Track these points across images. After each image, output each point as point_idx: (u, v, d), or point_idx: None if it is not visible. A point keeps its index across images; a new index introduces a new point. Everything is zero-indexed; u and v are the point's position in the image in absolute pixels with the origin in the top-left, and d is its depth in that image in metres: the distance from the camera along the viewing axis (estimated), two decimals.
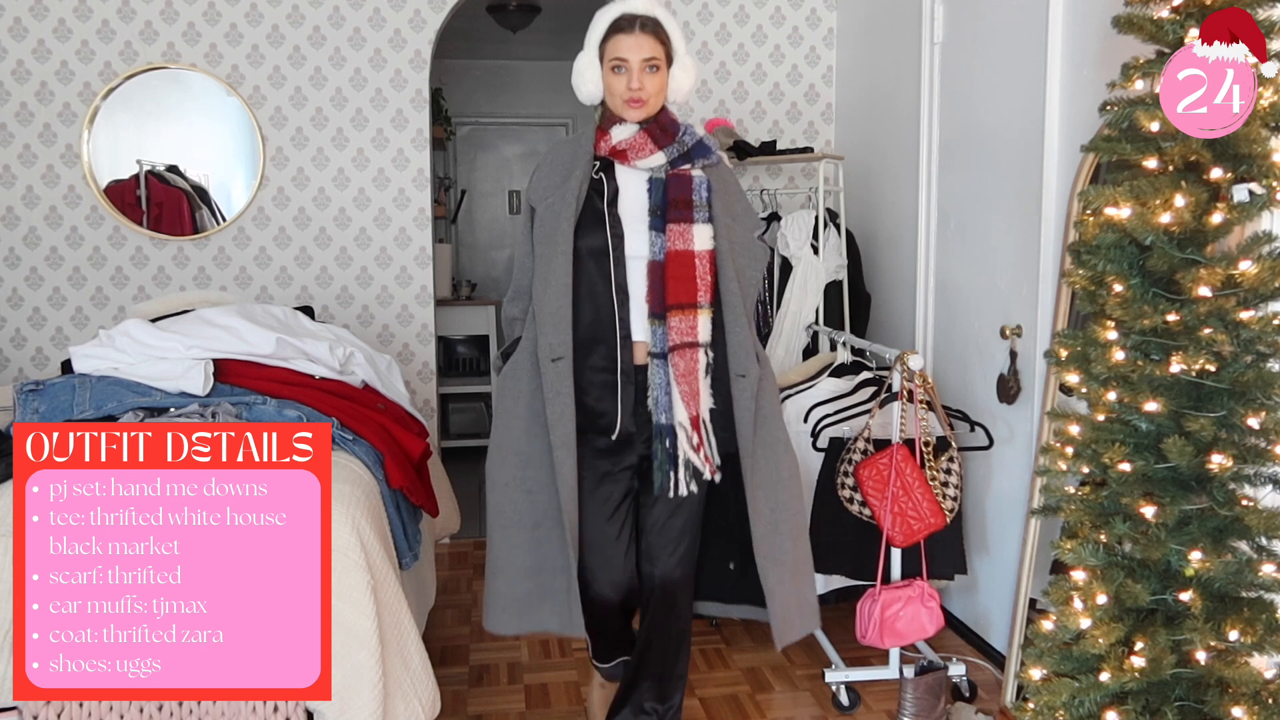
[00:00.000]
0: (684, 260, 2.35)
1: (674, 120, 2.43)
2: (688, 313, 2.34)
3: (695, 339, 2.34)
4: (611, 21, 2.37)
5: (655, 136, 2.39)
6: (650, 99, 2.36)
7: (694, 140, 2.42)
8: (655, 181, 2.40)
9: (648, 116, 2.39)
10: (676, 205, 2.37)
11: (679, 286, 2.34)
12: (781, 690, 3.23)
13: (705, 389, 2.37)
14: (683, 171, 2.40)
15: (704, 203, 2.38)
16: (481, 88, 7.78)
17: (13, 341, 4.43)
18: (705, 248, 2.37)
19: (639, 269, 2.39)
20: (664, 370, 2.35)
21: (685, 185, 2.38)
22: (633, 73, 2.34)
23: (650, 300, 2.37)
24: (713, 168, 2.44)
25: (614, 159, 2.42)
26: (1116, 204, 1.98)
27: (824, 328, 3.83)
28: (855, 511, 3.10)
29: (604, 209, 2.39)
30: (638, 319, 2.39)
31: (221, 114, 4.45)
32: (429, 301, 4.69)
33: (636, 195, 2.41)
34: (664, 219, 2.37)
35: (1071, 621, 2.04)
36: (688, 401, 2.35)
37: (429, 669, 2.56)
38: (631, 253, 2.39)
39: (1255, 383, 1.90)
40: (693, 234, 2.36)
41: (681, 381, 2.34)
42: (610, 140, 2.41)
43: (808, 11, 4.79)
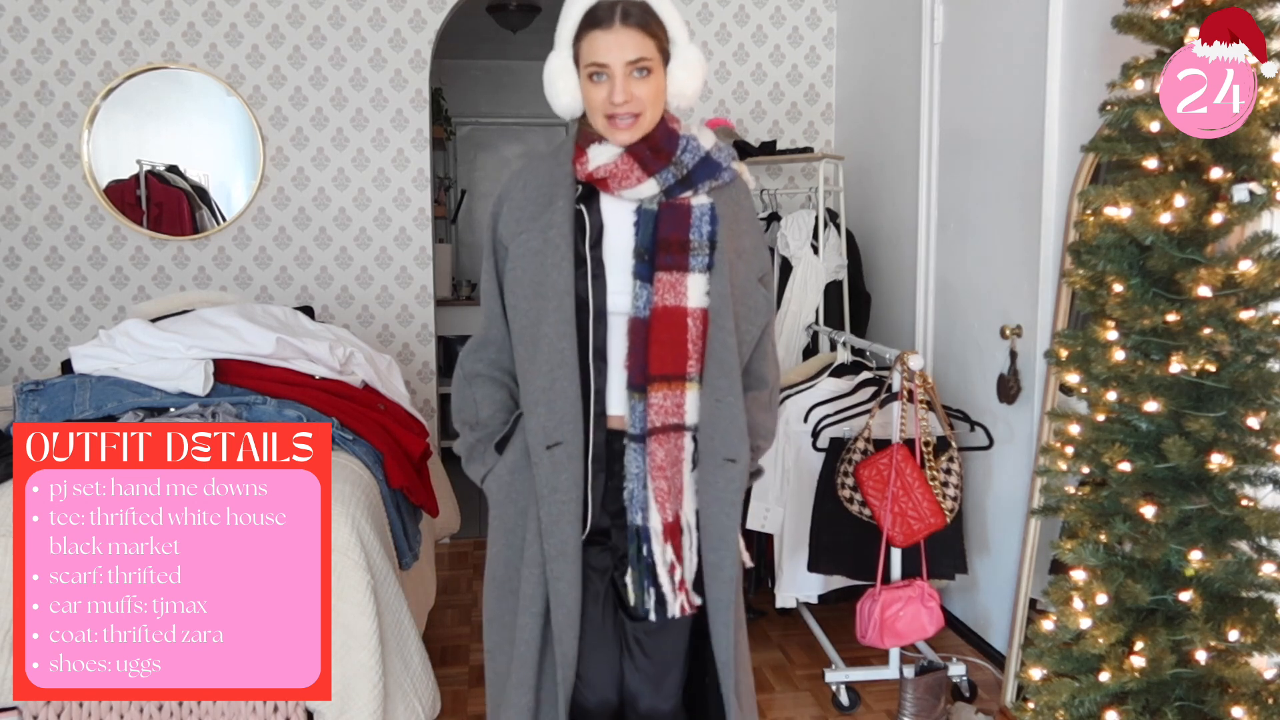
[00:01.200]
0: (673, 319, 1.82)
1: (672, 133, 1.87)
2: (674, 386, 1.83)
3: (681, 420, 1.84)
4: (585, 12, 1.78)
5: (643, 160, 1.82)
6: (644, 111, 1.80)
7: (697, 158, 1.86)
8: (645, 214, 1.85)
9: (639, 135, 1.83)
10: (669, 248, 1.83)
11: (665, 352, 1.82)
12: (781, 690, 3.23)
13: (690, 485, 1.87)
14: (681, 201, 1.85)
15: (704, 243, 1.84)
16: (481, 88, 7.78)
17: (13, 341, 4.43)
18: (700, 304, 1.84)
19: (619, 327, 1.85)
20: (641, 457, 1.84)
21: (682, 221, 1.84)
22: (616, 81, 1.77)
23: (630, 367, 1.84)
24: (723, 190, 1.89)
25: (594, 185, 1.87)
26: (1116, 204, 1.98)
27: (824, 328, 3.83)
28: (855, 511, 3.10)
29: (585, 251, 1.85)
30: (615, 390, 1.86)
31: (221, 114, 4.45)
32: (429, 301, 4.69)
33: (623, 232, 1.86)
34: (652, 265, 1.83)
35: (1071, 621, 2.04)
36: (662, 502, 1.85)
37: (429, 669, 2.56)
38: (613, 307, 1.85)
39: (1255, 383, 1.90)
40: (686, 286, 1.83)
41: (658, 475, 1.84)
42: (588, 165, 1.84)
43: (808, 11, 4.79)
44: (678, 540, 1.87)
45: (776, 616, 3.73)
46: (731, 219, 1.89)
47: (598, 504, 1.88)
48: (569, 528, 1.85)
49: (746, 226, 1.94)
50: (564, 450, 1.83)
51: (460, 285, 7.03)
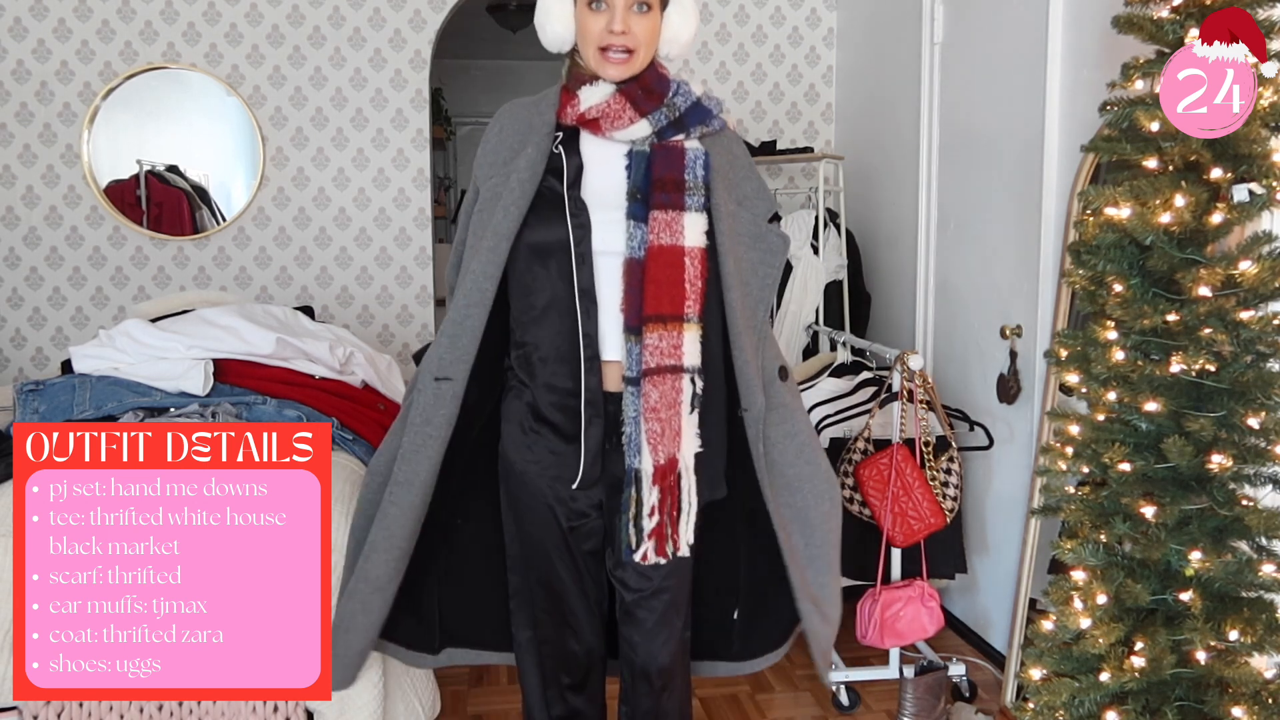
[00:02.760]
0: (670, 258, 1.81)
1: (662, 77, 1.88)
2: (670, 327, 1.81)
3: (679, 361, 1.81)
4: None
5: (636, 100, 1.83)
6: (640, 47, 1.81)
7: (689, 101, 1.88)
8: (637, 155, 1.86)
9: (632, 74, 1.83)
10: (664, 186, 1.83)
11: (661, 292, 1.80)
12: (781, 690, 3.23)
13: (690, 428, 1.84)
14: (674, 143, 1.86)
15: (699, 183, 1.85)
16: (481, 88, 7.78)
17: (13, 341, 4.43)
18: (698, 243, 1.83)
19: (612, 269, 1.85)
20: (637, 399, 1.82)
21: (676, 161, 1.84)
22: (615, 10, 1.78)
23: (626, 309, 1.83)
24: (714, 136, 1.92)
25: (582, 128, 1.88)
26: (1116, 204, 1.98)
27: (824, 328, 3.83)
28: (855, 511, 3.10)
29: (563, 192, 1.85)
30: (610, 334, 1.86)
31: (221, 114, 4.45)
32: (429, 302, 4.69)
33: (610, 174, 1.87)
34: (647, 205, 1.82)
35: (1071, 621, 2.04)
36: (655, 444, 1.81)
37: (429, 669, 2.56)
38: (601, 248, 1.85)
39: (1255, 383, 1.90)
40: (683, 224, 1.82)
41: (651, 416, 1.81)
42: (578, 105, 1.85)
43: (808, 11, 4.79)
44: (668, 482, 1.83)
45: None
46: (728, 167, 1.91)
47: (593, 452, 1.88)
48: (425, 462, 1.88)
49: (745, 173, 1.95)
50: (450, 387, 1.86)
51: None
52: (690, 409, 1.84)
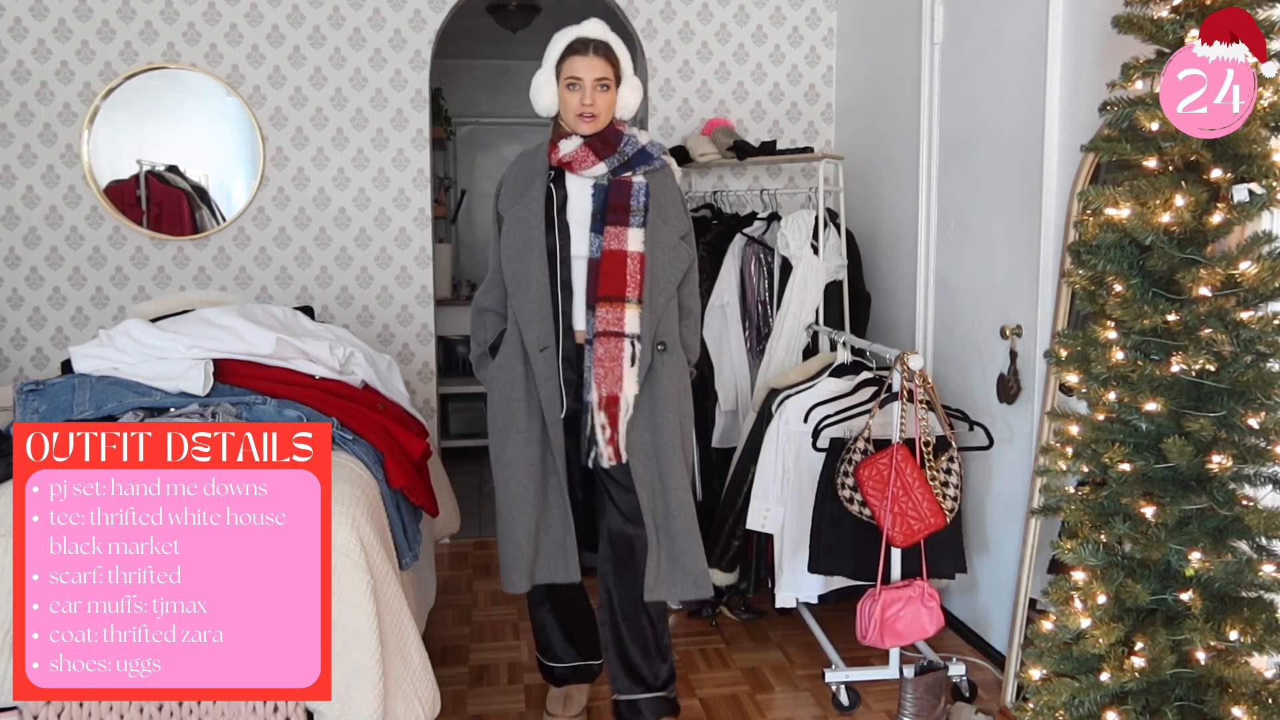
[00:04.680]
0: (616, 259, 2.60)
1: (618, 132, 2.66)
2: (615, 305, 2.59)
3: (621, 329, 2.59)
4: (568, 44, 2.62)
5: (596, 149, 2.63)
6: (601, 114, 2.61)
7: (635, 149, 2.66)
8: (598, 188, 2.66)
9: (595, 131, 2.63)
10: (615, 210, 2.62)
11: (609, 281, 2.59)
12: (781, 690, 3.24)
13: (630, 376, 2.61)
14: (624, 179, 2.66)
15: (640, 207, 2.63)
16: (481, 88, 7.78)
17: (13, 341, 4.43)
18: (637, 249, 2.61)
19: (581, 267, 2.65)
20: (590, 353, 2.62)
21: (625, 192, 2.64)
22: (585, 90, 2.59)
23: (588, 293, 2.63)
24: (654, 173, 2.69)
25: (563, 168, 2.67)
26: (1116, 204, 1.98)
27: (824, 328, 3.83)
28: (855, 511, 3.10)
29: (554, 215, 2.65)
30: (579, 311, 2.65)
31: (221, 114, 4.45)
32: (429, 301, 4.69)
33: (582, 201, 2.66)
34: (604, 222, 2.62)
35: (1071, 621, 2.04)
36: (599, 383, 2.60)
37: (429, 669, 2.56)
38: (575, 253, 2.65)
39: (1255, 383, 1.90)
40: (627, 236, 2.61)
41: (598, 365, 2.60)
42: (559, 152, 2.65)
43: (808, 11, 4.79)
44: (613, 411, 2.61)
45: (776, 616, 3.73)
46: (661, 195, 2.69)
47: (572, 392, 2.67)
48: (555, 403, 2.65)
49: (671, 199, 2.73)
50: (549, 352, 2.65)
51: (460, 285, 7.03)
52: (631, 363, 2.60)
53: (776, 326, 3.92)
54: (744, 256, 4.09)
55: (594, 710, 3.08)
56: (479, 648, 3.56)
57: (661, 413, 2.66)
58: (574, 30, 2.64)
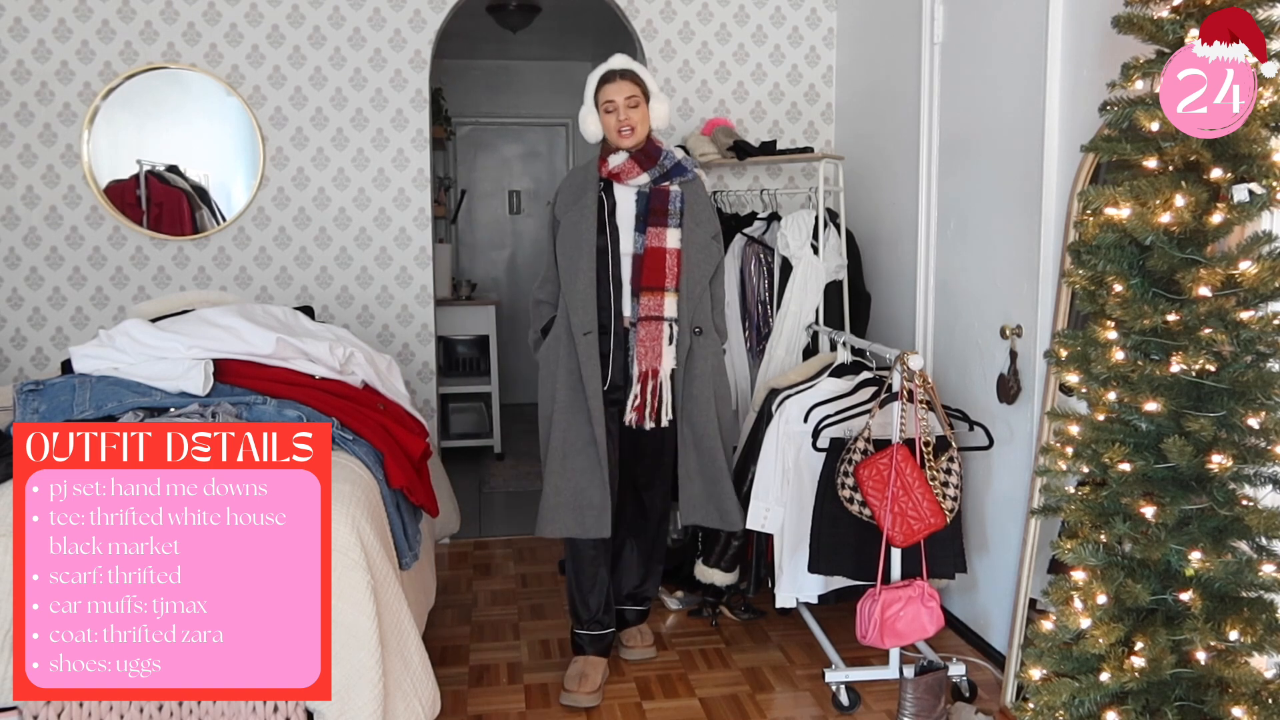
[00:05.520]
0: (657, 254, 3.07)
1: (657, 147, 3.13)
2: (656, 294, 3.06)
3: (661, 313, 3.06)
4: (600, 76, 3.12)
5: (640, 161, 3.10)
6: (637, 126, 3.08)
7: (673, 163, 3.13)
8: (641, 195, 3.12)
9: (636, 144, 3.10)
10: (655, 213, 3.09)
11: (651, 273, 3.06)
12: (781, 690, 3.23)
13: (669, 354, 3.08)
14: (663, 188, 3.12)
15: (677, 212, 3.10)
16: (481, 88, 7.78)
17: (13, 341, 4.43)
18: (675, 246, 3.08)
19: (628, 263, 3.11)
20: (634, 335, 3.09)
21: (664, 198, 3.10)
22: (619, 109, 3.07)
23: (633, 283, 3.10)
24: (688, 183, 3.15)
25: (612, 179, 3.13)
26: (1116, 204, 1.98)
27: (824, 328, 3.83)
28: (855, 511, 3.10)
29: (605, 219, 3.12)
30: (627, 299, 3.11)
31: (221, 114, 4.45)
32: (429, 301, 4.69)
33: (628, 206, 3.13)
34: (646, 224, 3.09)
35: (1071, 621, 2.04)
36: (641, 359, 3.07)
37: (429, 669, 2.56)
38: (624, 250, 3.12)
39: (1255, 383, 1.90)
40: (666, 235, 3.08)
41: (639, 344, 3.07)
42: (609, 166, 3.12)
43: (808, 11, 4.79)
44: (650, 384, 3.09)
45: (776, 616, 3.73)
46: (694, 202, 3.15)
47: (618, 368, 3.13)
48: (596, 381, 3.09)
49: (703, 206, 3.19)
50: (591, 336, 3.10)
51: (460, 285, 7.02)
52: (669, 342, 3.09)
53: (776, 326, 3.93)
54: (744, 256, 4.09)
55: (593, 710, 3.08)
56: (479, 648, 3.56)
57: (698, 387, 3.12)
58: (604, 66, 3.13)
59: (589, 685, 3.14)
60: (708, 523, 3.18)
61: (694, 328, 3.11)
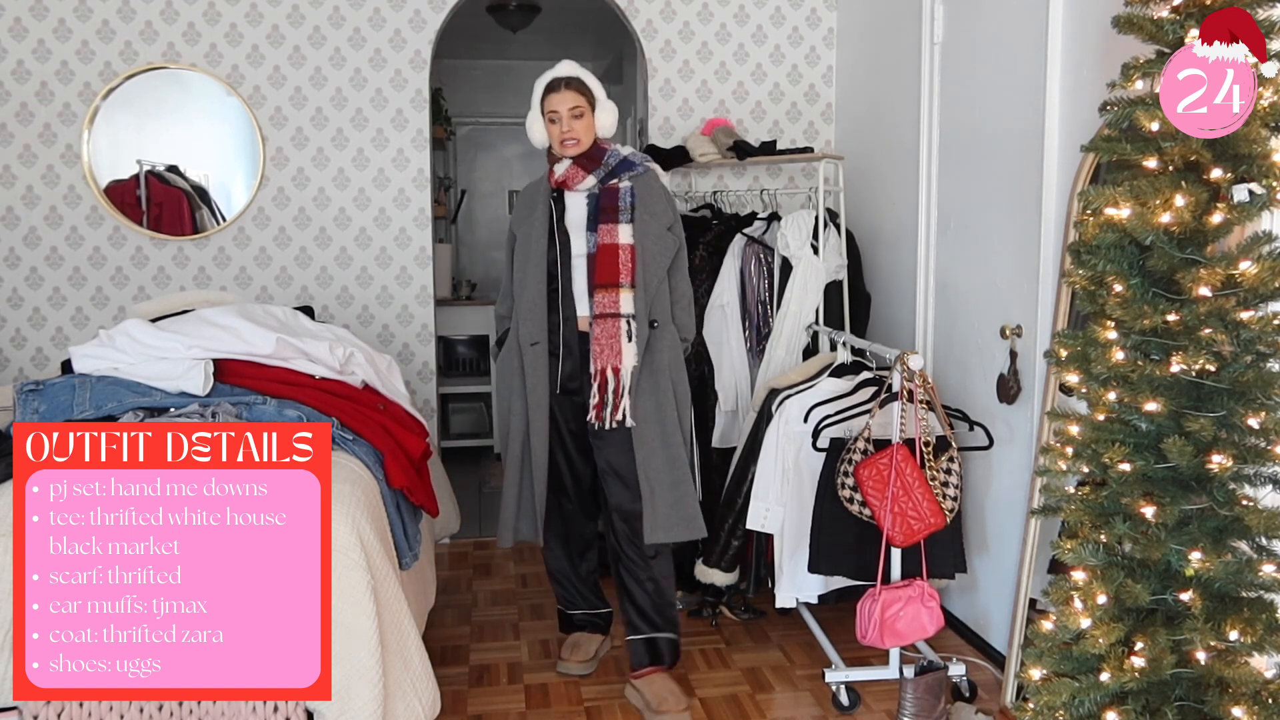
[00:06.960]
0: (610, 251, 3.00)
1: (600, 148, 3.08)
2: (610, 290, 2.99)
3: (617, 310, 2.98)
4: (545, 85, 3.08)
5: (584, 165, 3.07)
6: (581, 137, 3.03)
7: (618, 160, 3.08)
8: (591, 197, 3.09)
9: (581, 152, 3.05)
10: (606, 211, 3.05)
11: (605, 270, 3.00)
12: (781, 690, 3.24)
13: (629, 350, 2.99)
14: (612, 185, 3.08)
15: (628, 207, 3.05)
16: (481, 88, 7.78)
17: (13, 341, 4.43)
18: (628, 241, 3.01)
19: (581, 264, 3.07)
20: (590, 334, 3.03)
21: (614, 196, 3.06)
22: (563, 120, 3.02)
23: (588, 281, 3.05)
24: (639, 177, 3.10)
25: (562, 188, 3.10)
26: (1116, 204, 1.98)
27: (824, 328, 3.83)
28: (855, 511, 3.10)
29: (554, 227, 3.11)
30: (580, 300, 3.06)
31: (221, 114, 4.45)
32: (429, 301, 4.69)
33: (579, 210, 3.10)
34: (597, 223, 3.05)
35: (1071, 621, 2.04)
36: (596, 359, 2.99)
37: (429, 669, 2.56)
38: (575, 252, 3.07)
39: (1255, 383, 1.90)
40: (618, 231, 3.02)
41: (596, 343, 2.99)
42: (555, 174, 3.10)
43: (808, 11, 4.79)
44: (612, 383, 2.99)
45: (776, 616, 3.73)
46: (645, 194, 3.09)
47: (566, 374, 3.09)
48: (542, 392, 3.10)
49: (656, 197, 3.12)
50: (539, 347, 3.09)
51: (460, 285, 7.03)
52: (628, 338, 2.98)
53: (776, 326, 3.92)
54: (744, 256, 4.09)
55: (593, 710, 3.08)
56: (479, 648, 3.56)
57: (661, 380, 3.05)
58: (549, 73, 3.08)
59: (581, 654, 3.31)
60: (673, 538, 3.03)
61: (650, 320, 3.04)
